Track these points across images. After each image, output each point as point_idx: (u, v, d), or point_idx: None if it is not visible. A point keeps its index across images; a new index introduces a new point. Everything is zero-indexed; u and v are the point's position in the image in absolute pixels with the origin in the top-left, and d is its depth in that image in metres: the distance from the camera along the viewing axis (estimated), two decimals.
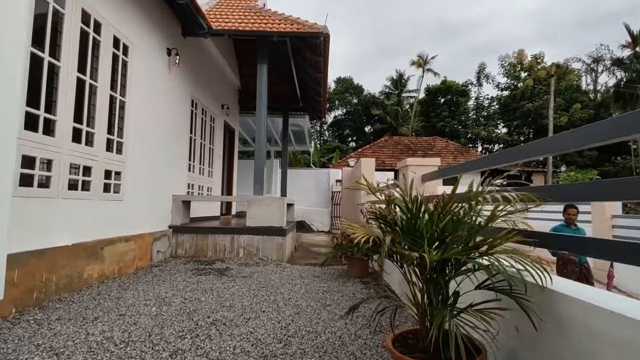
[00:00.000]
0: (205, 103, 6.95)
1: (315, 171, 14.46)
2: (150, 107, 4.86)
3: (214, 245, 5.44)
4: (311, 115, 10.13)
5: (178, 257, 5.44)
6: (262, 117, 5.74)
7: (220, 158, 8.11)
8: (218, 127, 7.87)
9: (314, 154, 24.45)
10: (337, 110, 44.54)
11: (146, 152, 4.75)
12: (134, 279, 4.03)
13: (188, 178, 6.19)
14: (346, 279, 4.30)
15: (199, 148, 6.69)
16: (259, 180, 5.65)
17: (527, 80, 28.90)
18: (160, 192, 5.21)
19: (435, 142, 24.10)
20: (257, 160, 5.69)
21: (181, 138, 5.87)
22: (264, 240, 5.40)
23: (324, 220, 13.63)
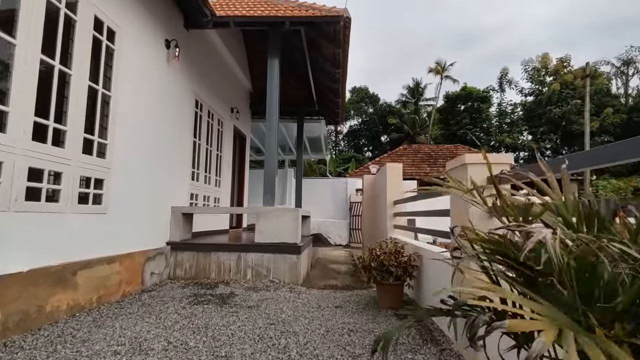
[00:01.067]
0: (211, 105, 6.30)
1: (332, 180, 13.67)
2: (145, 104, 4.20)
3: (217, 265, 4.68)
4: (328, 119, 9.39)
5: (176, 278, 4.70)
6: (273, 118, 5.02)
7: (229, 166, 7.43)
8: (227, 132, 7.21)
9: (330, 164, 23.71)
10: (353, 120, 43.98)
11: (139, 156, 4.07)
12: (116, 309, 3.29)
13: (191, 187, 5.50)
14: (376, 311, 3.44)
15: (204, 154, 6.02)
16: (270, 189, 4.89)
17: (553, 84, 27.55)
18: (157, 203, 4.51)
19: (457, 150, 22.96)
20: (268, 166, 4.94)
21: (183, 142, 5.19)
22: (275, 260, 4.61)
23: (342, 233, 12.76)
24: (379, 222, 6.60)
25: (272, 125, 5.01)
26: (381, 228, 6.24)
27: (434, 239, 11.28)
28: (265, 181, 4.92)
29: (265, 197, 4.90)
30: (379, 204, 6.68)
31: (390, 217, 5.66)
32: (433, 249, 3.36)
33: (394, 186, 5.70)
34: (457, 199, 2.40)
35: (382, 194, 6.23)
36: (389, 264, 3.45)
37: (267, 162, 4.95)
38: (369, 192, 7.40)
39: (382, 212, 6.16)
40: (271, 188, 4.89)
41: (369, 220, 7.41)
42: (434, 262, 3.19)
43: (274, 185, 4.89)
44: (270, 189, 4.89)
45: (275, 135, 5.01)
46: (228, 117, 7.27)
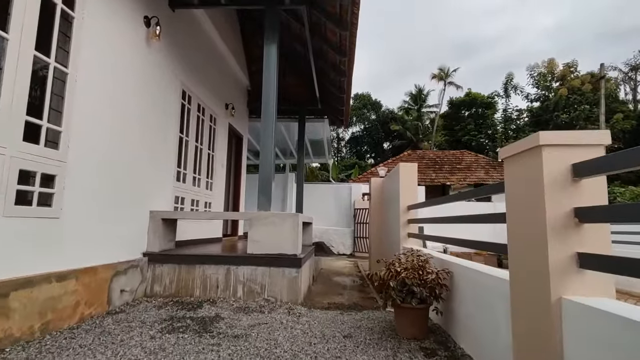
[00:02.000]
0: (202, 97, 5.63)
1: (335, 186, 12.97)
2: (116, 87, 3.53)
3: (203, 280, 3.96)
4: (331, 119, 8.73)
5: (154, 296, 3.97)
6: (270, 111, 4.35)
7: (223, 167, 6.75)
8: (221, 130, 6.54)
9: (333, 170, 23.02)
10: (355, 127, 43.57)
11: (107, 149, 3.39)
12: (64, 341, 2.57)
13: (176, 189, 4.80)
14: (396, 343, 2.70)
15: (193, 152, 5.33)
16: (266, 191, 4.19)
17: (560, 89, 26.90)
18: (131, 206, 3.81)
19: (463, 155, 22.30)
20: (264, 165, 4.25)
21: (166, 137, 4.52)
22: (271, 274, 3.89)
23: (346, 242, 12.02)
24: (389, 230, 5.88)
25: (269, 119, 4.33)
26: (392, 237, 5.52)
27: (444, 247, 10.55)
28: (261, 182, 4.22)
29: (261, 200, 4.20)
30: (389, 210, 5.97)
31: (404, 225, 4.94)
32: (469, 264, 2.64)
33: (408, 189, 4.99)
34: (524, 199, 1.69)
35: (394, 198, 5.52)
36: (412, 283, 2.73)
37: (263, 160, 4.26)
38: (378, 196, 6.69)
39: (394, 219, 5.44)
40: (267, 190, 4.19)
41: (378, 228, 6.70)
42: (473, 281, 2.47)
43: (270, 187, 4.19)
44: (266, 191, 4.19)
45: (272, 131, 4.32)
46: (222, 114, 6.60)
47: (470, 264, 2.64)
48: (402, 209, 4.96)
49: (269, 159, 4.24)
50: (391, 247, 5.61)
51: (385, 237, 6.27)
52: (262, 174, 4.23)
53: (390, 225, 5.83)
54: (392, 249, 5.46)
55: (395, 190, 5.32)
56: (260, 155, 4.29)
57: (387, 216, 6.18)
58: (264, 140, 4.31)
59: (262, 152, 4.28)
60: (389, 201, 5.96)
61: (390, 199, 5.90)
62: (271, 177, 4.22)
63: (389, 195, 5.97)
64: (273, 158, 4.28)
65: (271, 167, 4.23)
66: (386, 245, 6.16)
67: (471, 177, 19.72)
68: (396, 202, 5.26)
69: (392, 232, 5.59)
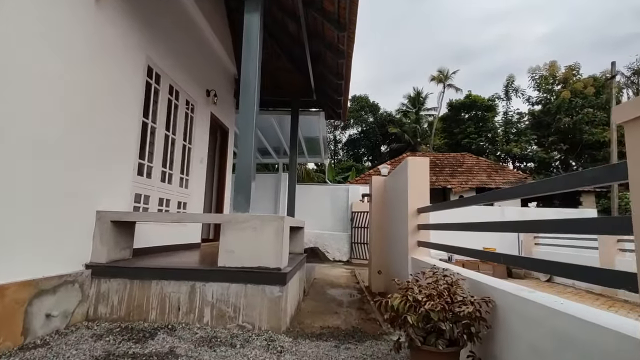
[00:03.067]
0: (176, 79, 4.80)
1: (332, 187, 12.14)
2: (48, 51, 2.69)
3: (160, 300, 3.10)
4: (328, 113, 7.90)
5: (99, 319, 3.11)
6: (251, 92, 3.51)
7: (204, 163, 5.90)
8: (201, 120, 5.70)
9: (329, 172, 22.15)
10: (353, 129, 42.95)
11: (25, 129, 2.54)
12: None
13: (137, 185, 3.95)
14: None
15: (162, 143, 4.48)
16: (243, 188, 3.35)
17: (563, 92, 26.34)
18: (67, 204, 2.96)
19: (464, 158, 21.57)
20: (242, 156, 3.41)
21: (122, 119, 3.67)
22: (248, 293, 3.05)
23: (342, 247, 11.18)
24: (394, 237, 5.06)
25: (249, 100, 3.50)
26: (397, 246, 4.69)
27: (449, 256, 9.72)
28: (239, 177, 3.38)
29: (237, 199, 3.36)
30: (393, 213, 5.14)
31: (413, 232, 4.12)
32: (526, 294, 1.80)
33: (418, 188, 4.17)
34: None
35: (399, 200, 4.70)
36: (439, 318, 1.90)
37: (242, 150, 3.42)
38: (379, 198, 5.87)
39: (399, 225, 4.61)
40: (245, 187, 3.35)
41: (379, 234, 5.87)
42: (531, 316, 1.64)
43: (250, 184, 3.35)
44: (244, 189, 3.34)
45: (253, 115, 3.49)
46: (202, 101, 5.77)
47: (528, 292, 1.81)
48: (411, 213, 4.14)
49: (248, 149, 3.41)
50: (396, 257, 4.78)
51: (389, 245, 5.43)
52: (240, 168, 3.39)
53: (394, 232, 5.00)
54: (398, 260, 4.63)
55: (402, 190, 4.50)
56: (239, 145, 3.45)
57: (390, 221, 5.36)
58: (243, 126, 3.48)
59: (241, 140, 3.44)
60: (394, 203, 5.14)
61: (394, 201, 5.08)
62: (251, 171, 3.38)
63: (394, 197, 5.15)
64: (254, 148, 3.45)
65: (251, 159, 3.39)
66: (390, 255, 5.33)
67: (473, 180, 18.98)
68: (402, 204, 4.44)
69: (397, 239, 4.77)
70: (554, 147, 26.49)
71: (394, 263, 4.95)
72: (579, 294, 7.41)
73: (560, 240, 9.66)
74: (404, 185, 4.38)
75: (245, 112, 3.47)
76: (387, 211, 5.60)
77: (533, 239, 10.23)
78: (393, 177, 5.29)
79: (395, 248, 4.92)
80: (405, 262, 4.17)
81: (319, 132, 8.97)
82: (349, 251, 11.16)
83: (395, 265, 4.84)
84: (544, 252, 9.77)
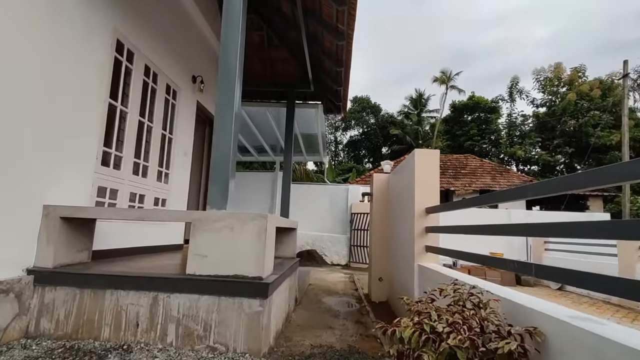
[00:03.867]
0: (154, 59, 4.26)
1: (331, 187, 11.59)
2: None
3: (116, 315, 2.55)
4: (327, 106, 7.36)
5: (40, 337, 2.56)
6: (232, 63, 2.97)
7: (188, 156, 5.35)
8: (185, 108, 5.16)
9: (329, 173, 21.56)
10: (354, 130, 42.55)
11: None
12: None
13: (100, 177, 3.40)
14: None
15: (134, 130, 3.94)
16: (220, 179, 2.81)
17: (568, 94, 25.80)
18: (0, 196, 2.41)
19: (467, 160, 21.01)
20: (219, 140, 2.86)
21: (79, 99, 3.12)
22: (221, 308, 2.50)
23: (341, 250, 10.62)
24: (398, 240, 4.51)
25: (229, 73, 2.96)
26: (402, 250, 4.14)
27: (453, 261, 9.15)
28: (214, 167, 2.83)
29: (212, 193, 2.81)
30: (397, 214, 4.59)
31: (420, 235, 3.57)
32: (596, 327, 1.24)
33: (427, 185, 3.63)
34: None
35: (404, 198, 4.15)
36: (469, 356, 1.35)
37: (219, 135, 2.87)
38: (381, 197, 5.31)
39: (404, 227, 4.07)
40: (222, 178, 2.80)
41: (381, 236, 5.31)
42: None
43: (228, 175, 2.80)
44: (221, 181, 2.79)
45: (233, 92, 2.95)
46: (187, 88, 5.23)
47: (599, 324, 1.25)
48: (418, 213, 3.59)
49: (227, 134, 2.86)
50: (400, 264, 4.22)
51: (392, 249, 4.88)
52: (217, 155, 2.85)
53: (398, 235, 4.45)
54: (402, 267, 4.07)
55: (407, 188, 3.95)
56: (215, 128, 2.90)
57: (394, 222, 4.81)
58: (222, 107, 2.93)
59: (219, 123, 2.89)
60: (398, 203, 4.59)
61: (399, 200, 4.53)
62: (230, 160, 2.83)
63: (398, 195, 4.60)
64: (234, 133, 2.90)
65: (230, 146, 2.85)
66: (393, 261, 4.78)
67: (477, 182, 18.43)
68: (408, 203, 3.90)
69: (401, 243, 4.22)
70: (558, 150, 25.90)
71: (398, 270, 4.40)
72: (595, 304, 6.85)
73: (572, 246, 9.10)
74: (409, 181, 3.83)
75: (224, 88, 2.93)
76: (390, 212, 5.05)
77: (543, 244, 9.66)
78: (397, 174, 4.75)
79: (399, 253, 4.37)
80: (410, 270, 3.62)
81: (317, 127, 8.42)
82: (347, 254, 10.60)
83: (399, 272, 4.29)
84: (555, 259, 9.20)
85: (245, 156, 11.84)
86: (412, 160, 3.80)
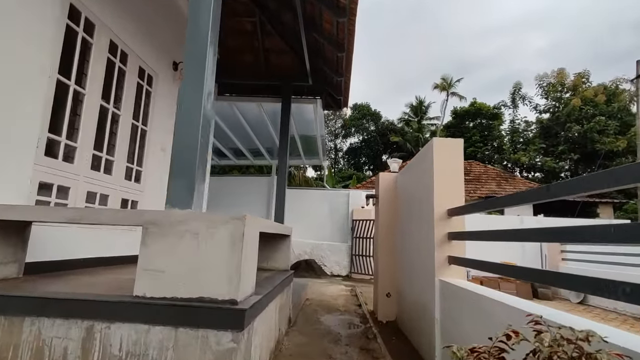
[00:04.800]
0: (122, 37, 3.62)
1: (331, 192, 10.91)
2: None
3: (35, 352, 1.86)
4: (326, 100, 6.72)
5: None
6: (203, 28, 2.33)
7: (167, 153, 4.69)
8: (163, 98, 4.52)
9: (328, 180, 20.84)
10: (354, 138, 42.17)
11: None
12: None
13: (42, 170, 2.72)
14: None
15: (94, 116, 3.28)
16: (185, 172, 2.14)
17: (573, 99, 25.29)
18: None
19: (471, 166, 20.37)
20: (184, 118, 2.21)
21: (10, 67, 2.47)
22: (179, 344, 1.80)
23: (341, 260, 9.90)
24: (411, 249, 3.81)
25: (200, 38, 2.32)
26: (417, 262, 3.46)
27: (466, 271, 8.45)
28: (177, 155, 2.17)
29: (174, 188, 2.14)
30: (409, 218, 3.91)
31: (441, 242, 2.89)
32: None
33: (449, 182, 2.96)
34: None
35: (419, 199, 3.48)
36: None
37: (184, 112, 2.21)
38: (388, 199, 4.64)
39: (419, 233, 3.38)
40: (187, 170, 2.13)
41: (388, 245, 4.62)
42: None
43: (195, 166, 2.13)
44: (186, 172, 2.13)
45: (204, 63, 2.30)
46: (167, 75, 4.59)
47: None
48: (438, 216, 2.91)
49: (195, 111, 2.21)
50: (415, 278, 3.53)
51: (403, 260, 4.19)
52: (180, 136, 2.19)
53: (411, 243, 3.76)
54: (418, 282, 3.38)
55: (423, 186, 3.28)
56: (179, 104, 2.25)
57: (404, 228, 4.12)
58: (189, 79, 2.28)
59: (184, 97, 2.24)
60: (409, 205, 3.92)
61: (411, 202, 3.86)
62: (198, 140, 2.17)
63: (409, 196, 3.93)
64: (206, 102, 2.25)
65: (199, 126, 2.18)
66: (404, 274, 4.08)
67: (481, 189, 17.78)
68: (424, 205, 3.22)
69: (415, 253, 3.53)
70: (563, 156, 25.30)
71: (411, 285, 3.70)
72: (627, 321, 6.13)
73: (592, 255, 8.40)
74: (426, 178, 3.16)
75: (192, 48, 2.29)
76: (400, 216, 4.37)
77: (560, 253, 8.95)
78: (408, 172, 4.08)
79: (412, 265, 3.67)
80: (429, 287, 2.93)
81: (316, 126, 7.78)
82: (348, 264, 9.87)
83: (413, 288, 3.59)
84: (574, 269, 8.49)
85: (240, 159, 11.20)
86: (428, 153, 3.14)
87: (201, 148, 2.18)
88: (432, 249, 2.90)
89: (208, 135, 2.29)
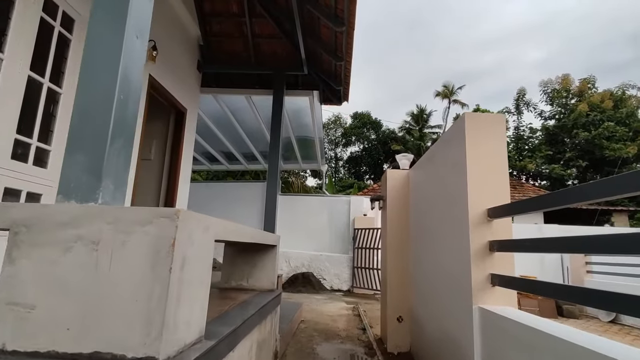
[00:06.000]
0: None
1: (330, 199, 10.10)
2: None
3: None
4: (324, 94, 5.97)
5: None
6: None
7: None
8: None
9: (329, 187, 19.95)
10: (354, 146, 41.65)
11: None
12: None
13: None
14: None
15: (20, 91, 2.52)
16: (90, 143, 1.36)
17: (580, 105, 24.65)
18: None
19: None
20: (93, 47, 1.44)
21: None
22: None
23: (341, 273, 9.05)
24: (431, 263, 2.99)
25: None
26: (442, 279, 2.63)
27: None
28: (76, 115, 1.40)
29: (70, 167, 1.36)
30: (429, 223, 3.10)
31: (479, 254, 2.08)
32: None
33: (488, 172, 2.18)
34: None
35: (444, 197, 2.68)
36: None
37: (91, 45, 1.46)
38: (399, 202, 3.83)
39: (446, 241, 2.57)
40: (93, 138, 1.37)
41: (400, 256, 3.79)
42: None
43: (106, 134, 1.37)
44: (91, 142, 1.36)
45: None
46: None
47: None
48: (474, 218, 2.11)
49: (113, 52, 1.44)
50: (439, 300, 2.69)
51: (420, 276, 3.36)
52: (83, 97, 1.41)
53: (433, 255, 2.94)
54: (444, 306, 2.54)
55: (451, 180, 2.50)
56: (86, 42, 1.48)
57: (423, 236, 3.31)
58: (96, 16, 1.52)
59: (92, 32, 1.48)
60: (430, 206, 3.12)
61: (432, 202, 3.06)
62: (111, 105, 1.39)
63: (430, 195, 3.13)
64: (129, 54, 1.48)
65: (116, 76, 1.42)
66: (421, 293, 3.25)
67: None
68: (452, 204, 2.43)
69: (440, 268, 2.71)
70: (571, 163, 24.53)
71: (433, 309, 2.87)
72: None
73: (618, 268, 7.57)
74: (455, 167, 2.37)
75: None
76: (415, 221, 3.56)
77: (584, 265, 8.10)
78: (426, 165, 3.29)
79: (434, 284, 2.85)
80: (463, 316, 2.11)
81: (312, 123, 7.02)
82: (349, 278, 9.00)
83: (437, 314, 2.76)
84: (599, 282, 7.64)
85: (233, 164, 10.43)
86: (458, 134, 2.35)
87: (120, 108, 1.40)
88: (467, 263, 2.10)
89: (137, 91, 1.52)
